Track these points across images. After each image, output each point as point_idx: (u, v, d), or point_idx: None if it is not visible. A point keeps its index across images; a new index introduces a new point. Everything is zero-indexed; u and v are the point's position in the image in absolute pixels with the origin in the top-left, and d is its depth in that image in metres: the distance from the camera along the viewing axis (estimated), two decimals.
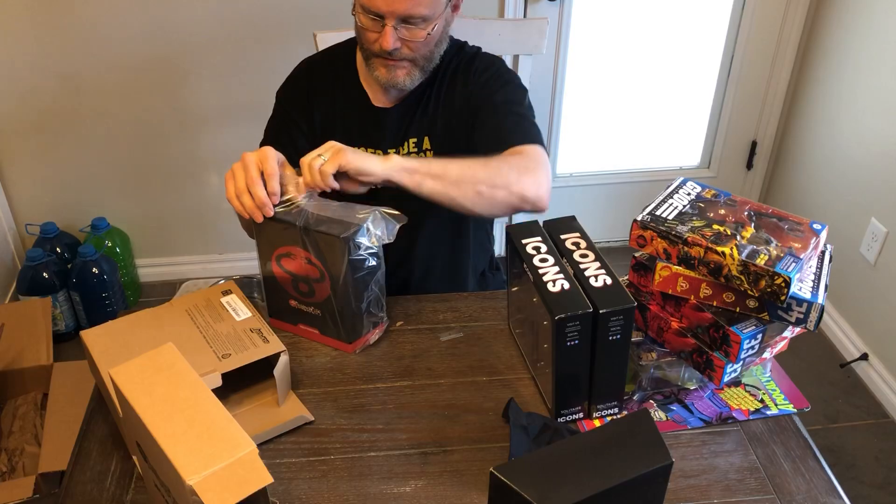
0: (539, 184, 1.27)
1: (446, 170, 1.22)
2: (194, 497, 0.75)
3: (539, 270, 1.07)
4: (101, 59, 2.32)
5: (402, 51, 1.31)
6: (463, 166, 1.23)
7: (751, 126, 2.76)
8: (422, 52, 1.34)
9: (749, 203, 1.15)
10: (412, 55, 1.33)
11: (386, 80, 1.35)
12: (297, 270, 1.21)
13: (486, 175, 1.24)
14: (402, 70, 1.34)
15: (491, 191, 1.24)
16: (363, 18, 1.31)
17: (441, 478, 1.05)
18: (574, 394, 1.10)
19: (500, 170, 1.25)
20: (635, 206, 1.43)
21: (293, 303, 1.25)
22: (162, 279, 2.71)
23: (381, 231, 1.15)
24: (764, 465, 1.07)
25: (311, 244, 1.16)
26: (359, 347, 1.25)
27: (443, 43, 1.38)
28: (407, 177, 1.19)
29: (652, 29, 2.55)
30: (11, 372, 1.92)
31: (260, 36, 2.33)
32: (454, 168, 1.22)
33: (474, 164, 1.24)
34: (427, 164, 1.21)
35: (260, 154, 1.17)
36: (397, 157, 1.19)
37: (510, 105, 1.38)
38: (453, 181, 1.21)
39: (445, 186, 1.21)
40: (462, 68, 1.42)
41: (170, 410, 0.82)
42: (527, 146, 1.31)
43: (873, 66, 2.26)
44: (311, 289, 1.21)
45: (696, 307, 1.10)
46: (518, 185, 1.25)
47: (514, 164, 1.27)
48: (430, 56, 1.36)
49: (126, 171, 2.52)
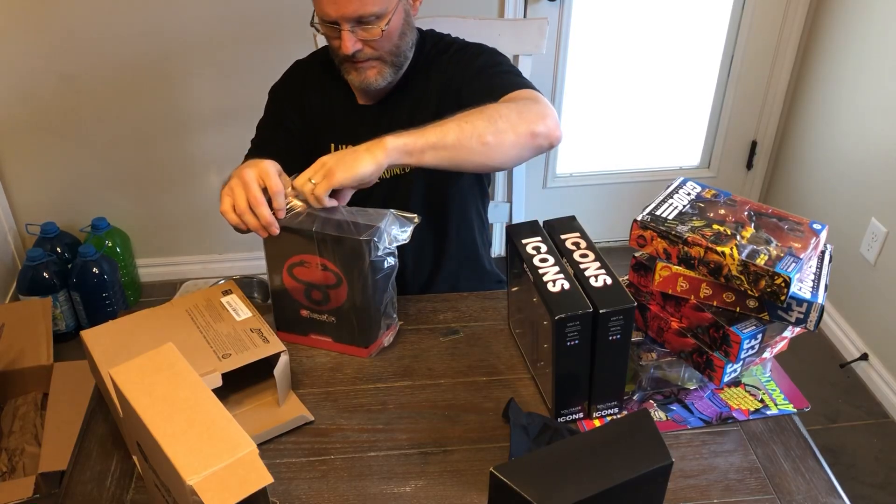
0: (544, 115, 1.21)
1: (444, 134, 1.15)
2: (194, 497, 0.75)
3: (539, 270, 1.07)
4: (101, 60, 2.32)
5: (364, 51, 1.31)
6: (460, 123, 1.16)
7: (751, 126, 2.76)
8: (385, 49, 1.33)
9: (749, 203, 1.15)
10: (376, 53, 1.33)
11: (359, 83, 1.36)
12: (311, 279, 1.19)
13: (486, 123, 1.17)
14: (371, 70, 1.34)
15: (497, 137, 1.17)
16: (322, 28, 1.32)
17: (441, 478, 1.05)
18: (574, 394, 1.10)
19: (499, 112, 1.19)
20: (635, 206, 1.42)
21: (305, 313, 1.24)
22: (162, 279, 2.71)
23: (396, 232, 1.15)
24: (764, 465, 1.07)
25: (328, 250, 1.15)
26: (374, 351, 1.24)
27: (407, 34, 1.36)
28: (405, 157, 1.14)
29: (652, 29, 2.55)
30: (11, 372, 1.92)
31: (259, 36, 2.33)
32: (451, 129, 1.16)
33: (471, 117, 1.18)
34: (422, 135, 1.15)
35: (260, 170, 1.15)
36: (390, 138, 1.13)
37: (490, 68, 1.36)
38: (454, 143, 1.15)
39: (448, 152, 1.16)
40: (438, 57, 1.43)
41: (170, 410, 0.82)
42: (519, 91, 1.27)
43: (873, 66, 2.26)
44: (325, 296, 1.20)
45: (696, 307, 1.10)
46: (523, 123, 1.19)
47: (511, 105, 1.22)
48: (397, 50, 1.35)
49: (126, 171, 2.52)
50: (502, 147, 1.18)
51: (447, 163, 1.17)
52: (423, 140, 1.15)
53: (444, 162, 1.17)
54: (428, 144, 1.15)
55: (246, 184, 1.14)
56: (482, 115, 1.18)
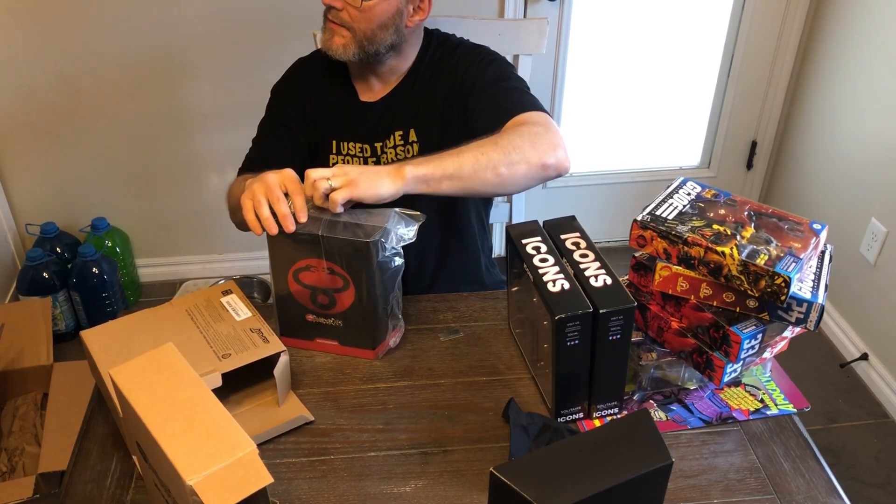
0: (555, 146, 1.24)
1: (460, 165, 1.18)
2: (194, 497, 0.75)
3: (539, 270, 1.07)
4: (101, 59, 2.32)
5: (340, 14, 1.33)
6: (476, 154, 1.19)
7: (751, 126, 2.76)
8: (360, 26, 1.34)
9: (749, 203, 1.15)
10: (350, 23, 1.34)
11: (324, 45, 1.37)
12: (317, 283, 1.19)
13: (501, 154, 1.20)
14: (339, 37, 1.35)
15: (510, 169, 1.20)
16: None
17: (441, 478, 1.05)
18: (574, 394, 1.10)
19: (513, 143, 1.21)
20: (635, 206, 1.42)
21: (310, 317, 1.23)
22: (162, 279, 2.71)
23: (402, 231, 1.15)
24: (764, 465, 1.07)
25: (335, 253, 1.15)
26: (381, 352, 1.24)
27: (388, 31, 1.36)
28: (423, 186, 1.17)
29: (652, 29, 2.54)
30: (11, 372, 1.92)
31: (260, 36, 2.33)
32: (468, 160, 1.19)
33: (485, 147, 1.20)
34: (440, 166, 1.18)
35: (283, 174, 1.16)
36: (409, 167, 1.16)
37: (500, 81, 1.37)
38: (469, 174, 1.18)
39: (463, 182, 1.19)
40: (445, 58, 1.43)
41: (170, 410, 0.82)
42: (528, 114, 1.29)
43: (873, 65, 2.26)
44: (331, 300, 1.20)
45: (696, 307, 1.10)
46: (535, 154, 1.22)
47: (524, 134, 1.23)
48: (371, 35, 1.35)
49: (126, 171, 2.52)
50: (514, 178, 1.22)
51: (461, 192, 1.21)
52: (440, 171, 1.18)
53: (458, 191, 1.21)
54: (445, 175, 1.18)
55: (268, 186, 1.15)
56: (497, 146, 1.21)
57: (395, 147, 1.45)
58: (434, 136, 1.43)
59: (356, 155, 1.47)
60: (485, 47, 1.46)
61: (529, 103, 1.33)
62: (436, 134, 1.43)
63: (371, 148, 1.46)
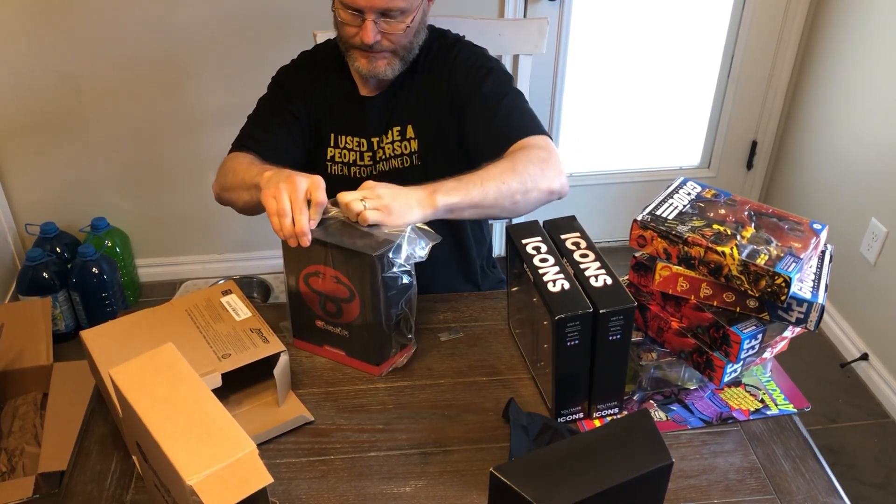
0: (560, 172, 1.29)
1: (485, 195, 1.22)
2: (194, 497, 0.75)
3: (539, 270, 1.07)
4: (101, 59, 2.32)
5: (382, 43, 1.34)
6: (498, 184, 1.23)
7: (751, 126, 2.76)
8: (402, 44, 1.36)
9: (749, 203, 1.15)
10: (392, 47, 1.36)
11: (367, 71, 1.38)
12: (325, 290, 1.18)
13: (518, 183, 1.24)
14: (382, 60, 1.37)
15: (525, 196, 1.25)
16: (342, 14, 1.34)
17: (441, 478, 1.05)
18: (574, 394, 1.10)
19: (528, 171, 1.26)
20: (635, 206, 1.43)
21: (320, 323, 1.22)
22: (162, 279, 2.71)
23: (413, 249, 1.12)
24: (764, 465, 1.07)
25: (341, 262, 1.13)
26: (385, 370, 1.22)
27: (421, 33, 1.40)
28: (448, 214, 1.20)
29: (652, 29, 2.54)
30: (11, 372, 1.92)
31: (260, 36, 2.33)
32: (491, 190, 1.22)
33: (506, 176, 1.24)
34: (467, 195, 1.20)
35: (313, 182, 1.14)
36: (441, 196, 1.17)
37: (499, 97, 1.38)
38: (491, 203, 1.23)
39: (485, 210, 1.24)
40: (443, 55, 1.44)
41: (170, 410, 0.82)
42: (533, 138, 1.33)
43: (873, 65, 2.26)
44: (339, 309, 1.19)
45: (696, 307, 1.10)
46: (545, 181, 1.27)
47: (535, 161, 1.27)
48: (410, 46, 1.38)
49: (126, 171, 2.52)
50: (527, 204, 1.27)
51: (477, 217, 1.27)
52: (467, 201, 1.21)
53: (476, 216, 1.26)
54: (471, 204, 1.21)
55: (295, 191, 1.13)
56: (515, 174, 1.25)
57: (392, 143, 1.45)
58: (432, 132, 1.44)
59: (353, 149, 1.47)
60: (483, 51, 1.46)
61: (531, 125, 1.36)
62: (433, 131, 1.44)
63: (368, 142, 1.46)
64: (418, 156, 1.45)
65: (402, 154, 1.45)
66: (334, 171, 1.48)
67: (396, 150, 1.45)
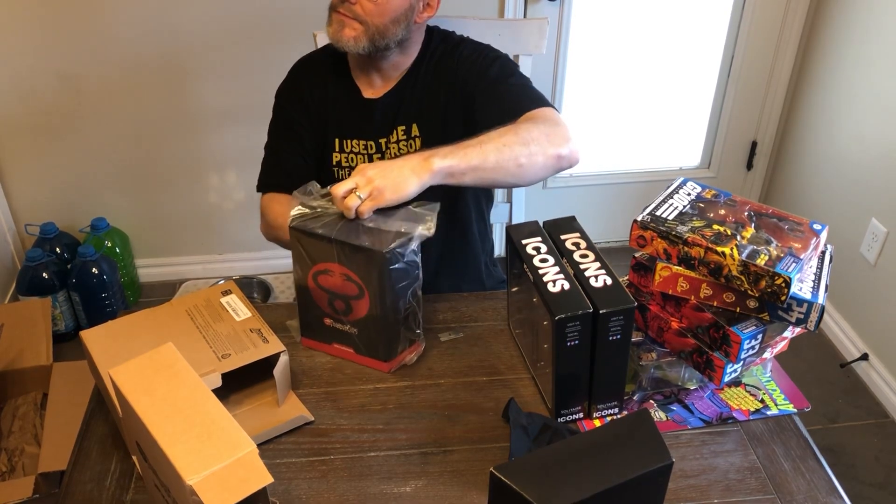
0: (568, 138, 1.27)
1: (485, 157, 1.19)
2: (194, 497, 0.75)
3: (539, 270, 1.07)
4: (101, 60, 2.32)
5: (354, 7, 1.33)
6: (498, 145, 1.20)
7: (751, 126, 2.76)
8: (374, 20, 1.34)
9: (749, 203, 1.15)
10: (363, 16, 1.34)
11: (332, 36, 1.37)
12: (334, 288, 1.18)
13: (521, 146, 1.21)
14: (350, 30, 1.35)
15: (530, 160, 1.22)
16: None
17: (441, 478, 1.05)
18: (574, 394, 1.10)
19: (531, 135, 1.23)
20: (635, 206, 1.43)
21: (328, 321, 1.22)
22: (162, 279, 2.71)
23: (420, 230, 1.12)
24: (764, 465, 1.07)
25: (349, 259, 1.13)
26: (395, 367, 1.23)
27: (399, 26, 1.36)
28: (448, 178, 1.17)
29: (652, 29, 2.54)
30: (11, 372, 1.92)
31: (260, 36, 2.33)
32: (491, 152, 1.19)
33: (506, 138, 1.21)
34: (465, 157, 1.17)
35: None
36: (436, 158, 1.15)
37: (506, 77, 1.39)
38: (492, 166, 1.19)
39: (486, 173, 1.20)
40: (447, 55, 1.44)
41: (170, 410, 0.82)
42: (538, 110, 1.31)
43: (873, 65, 2.26)
44: (347, 306, 1.19)
45: (696, 307, 1.10)
46: (551, 145, 1.24)
47: (540, 126, 1.25)
48: (382, 29, 1.35)
49: (126, 171, 2.52)
50: (533, 168, 1.23)
51: (482, 182, 1.22)
52: (465, 162, 1.17)
53: (480, 182, 1.21)
54: (470, 167, 1.18)
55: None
56: (517, 136, 1.22)
57: (398, 142, 1.45)
58: (437, 130, 1.44)
59: (360, 152, 1.47)
60: (487, 45, 1.46)
61: (538, 99, 1.35)
62: (439, 129, 1.44)
63: (375, 144, 1.46)
64: None
65: (407, 153, 1.45)
66: (341, 175, 1.48)
67: (402, 149, 1.45)
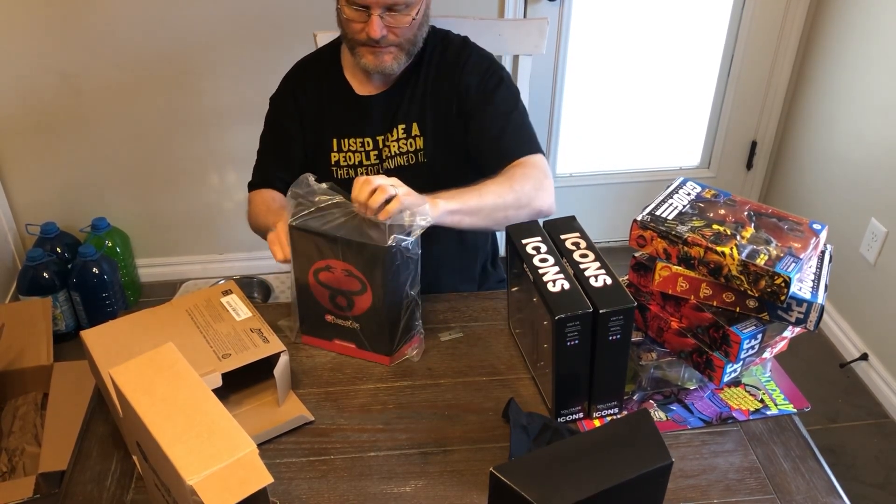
0: (549, 193, 1.36)
1: (482, 205, 1.27)
2: (194, 497, 0.75)
3: (539, 270, 1.07)
4: (102, 59, 2.32)
5: (388, 38, 1.35)
6: (494, 197, 1.28)
7: (751, 126, 2.76)
8: (407, 37, 1.37)
9: (749, 203, 1.15)
10: (398, 41, 1.36)
11: (374, 67, 1.38)
12: (335, 284, 1.19)
13: (513, 199, 1.30)
14: (388, 55, 1.38)
15: (516, 213, 1.30)
16: (348, 10, 1.35)
17: (441, 478, 1.05)
18: (574, 394, 1.10)
19: (524, 190, 1.31)
20: (635, 206, 1.43)
21: (329, 318, 1.23)
22: (162, 279, 2.71)
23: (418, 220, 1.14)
24: (764, 465, 1.07)
25: (352, 256, 1.14)
26: (397, 360, 1.24)
27: (425, 25, 1.41)
28: (449, 218, 1.23)
29: (652, 29, 2.54)
30: (11, 372, 1.92)
31: (260, 36, 2.33)
32: (488, 201, 1.28)
33: (502, 191, 1.30)
34: (465, 202, 1.25)
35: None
36: (442, 202, 1.21)
37: (509, 113, 1.42)
38: (487, 214, 1.28)
39: (481, 219, 1.28)
40: (451, 56, 1.45)
41: (170, 410, 0.82)
42: (531, 157, 1.38)
43: (873, 66, 2.26)
44: (349, 302, 1.20)
45: (696, 307, 1.10)
46: (536, 200, 1.33)
47: (530, 180, 1.33)
48: (415, 39, 1.39)
49: (126, 171, 2.52)
50: (517, 219, 1.29)
51: (473, 227, 1.30)
52: (466, 207, 1.25)
53: (472, 226, 1.29)
54: (470, 211, 1.26)
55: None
56: (513, 192, 1.31)
57: (398, 140, 1.45)
58: (439, 131, 1.44)
59: (358, 150, 1.47)
60: (490, 57, 1.47)
61: (532, 145, 1.40)
62: (440, 130, 1.44)
63: (373, 141, 1.46)
64: (424, 153, 1.45)
65: (407, 152, 1.45)
66: (340, 175, 1.49)
67: (402, 147, 1.45)
